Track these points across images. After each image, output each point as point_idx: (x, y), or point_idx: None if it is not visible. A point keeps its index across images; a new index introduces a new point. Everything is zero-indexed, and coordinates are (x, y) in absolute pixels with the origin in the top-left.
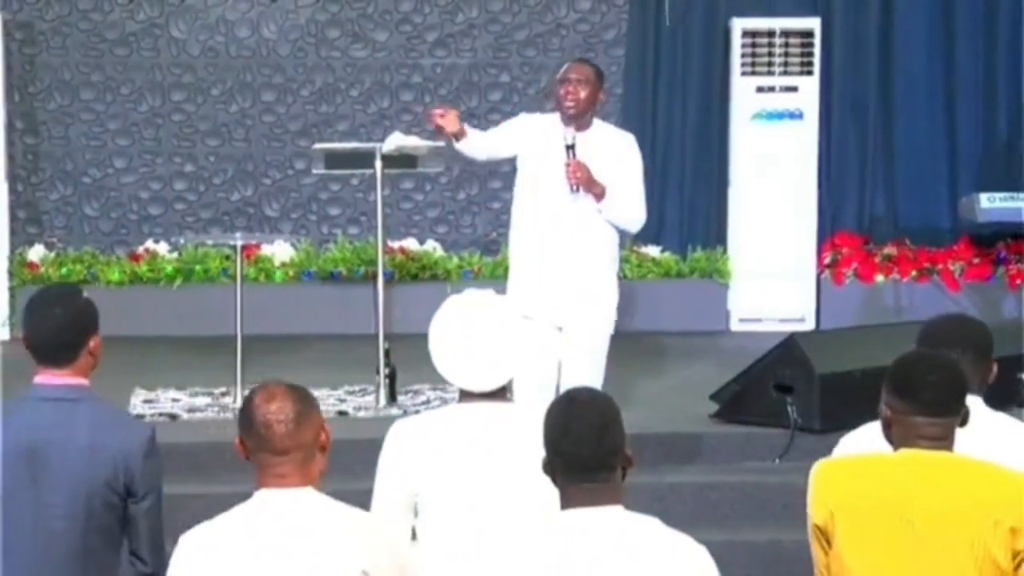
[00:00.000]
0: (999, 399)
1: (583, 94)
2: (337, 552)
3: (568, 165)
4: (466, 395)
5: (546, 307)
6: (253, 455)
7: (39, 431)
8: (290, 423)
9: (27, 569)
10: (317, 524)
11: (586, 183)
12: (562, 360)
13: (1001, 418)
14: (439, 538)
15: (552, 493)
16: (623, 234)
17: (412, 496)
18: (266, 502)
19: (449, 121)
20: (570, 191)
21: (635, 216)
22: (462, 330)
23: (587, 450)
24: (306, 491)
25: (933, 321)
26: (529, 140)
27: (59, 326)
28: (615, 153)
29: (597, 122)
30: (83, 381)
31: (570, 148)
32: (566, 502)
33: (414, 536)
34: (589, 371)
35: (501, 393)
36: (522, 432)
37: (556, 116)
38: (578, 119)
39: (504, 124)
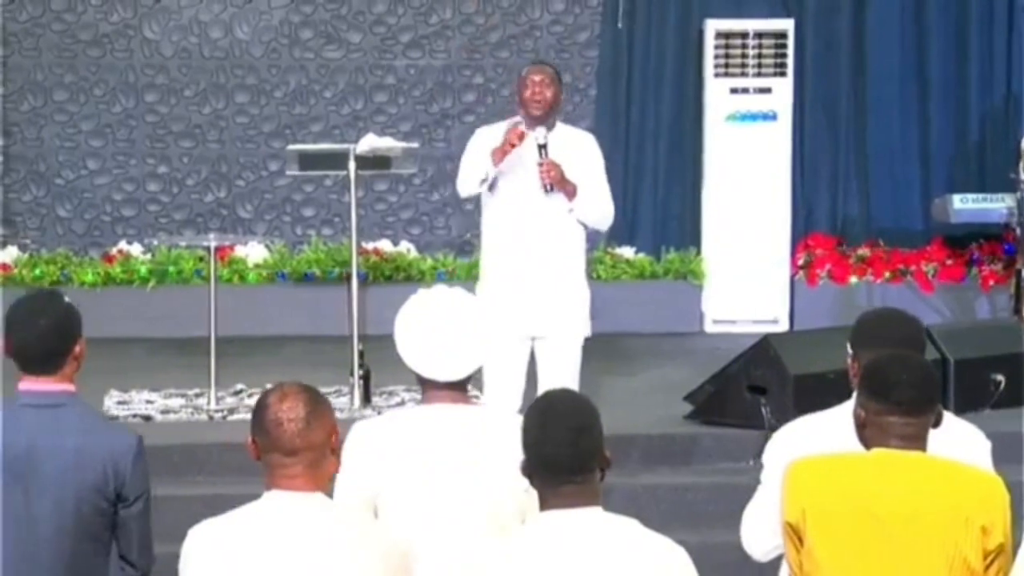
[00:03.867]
0: (972, 400)
1: (548, 94)
2: (340, 561)
3: (541, 164)
4: (430, 389)
5: (521, 317)
6: (264, 455)
7: (25, 437)
8: (300, 422)
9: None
10: (322, 532)
11: (559, 182)
12: (539, 369)
13: (949, 418)
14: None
15: (513, 499)
16: (594, 234)
17: (372, 498)
18: (275, 504)
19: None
20: (544, 191)
21: (605, 212)
22: (430, 318)
23: (566, 451)
24: (315, 496)
25: (868, 318)
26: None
27: (45, 335)
28: (579, 152)
29: (559, 123)
30: (69, 387)
31: (542, 147)
32: (545, 504)
33: None
34: (565, 379)
35: (464, 387)
36: (485, 437)
37: (515, 121)
38: (545, 119)
39: (468, 152)
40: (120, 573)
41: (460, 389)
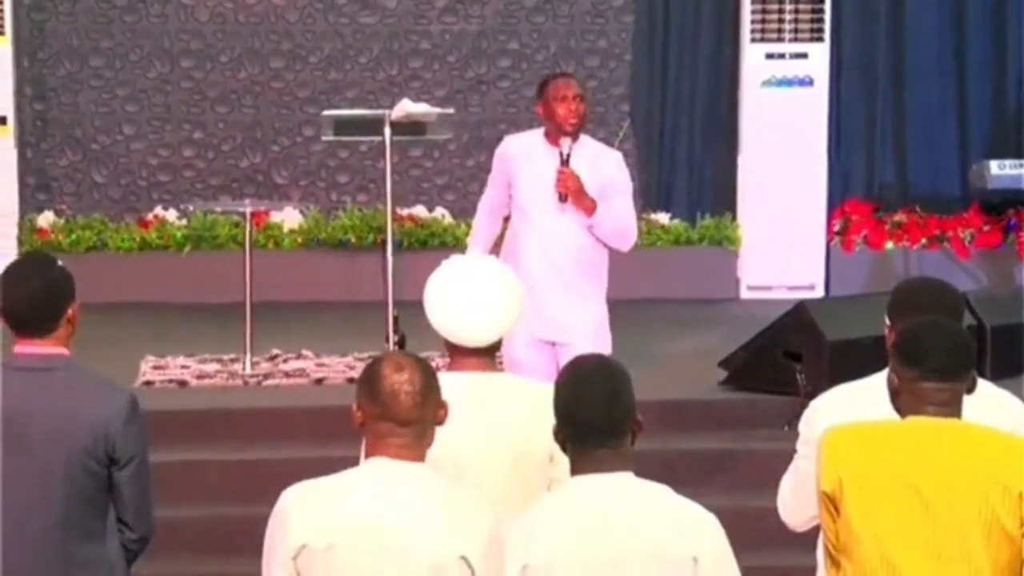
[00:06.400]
0: (1009, 366)
1: (583, 109)
2: (440, 534)
3: (560, 172)
4: (458, 355)
5: (537, 320)
6: (372, 423)
7: (15, 400)
8: (418, 395)
9: (5, 537)
10: (425, 503)
11: (575, 193)
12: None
13: (986, 386)
14: None
15: (539, 467)
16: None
17: None
18: (380, 471)
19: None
20: (558, 200)
21: (627, 232)
22: (460, 284)
23: (599, 416)
24: (420, 467)
25: (906, 288)
26: (517, 162)
27: (36, 297)
28: (605, 169)
29: (585, 136)
30: (62, 350)
31: (564, 157)
32: (577, 468)
33: None
34: None
35: (492, 354)
36: (512, 403)
37: (538, 134)
38: (576, 134)
39: (493, 175)
40: (119, 535)
41: (488, 356)
